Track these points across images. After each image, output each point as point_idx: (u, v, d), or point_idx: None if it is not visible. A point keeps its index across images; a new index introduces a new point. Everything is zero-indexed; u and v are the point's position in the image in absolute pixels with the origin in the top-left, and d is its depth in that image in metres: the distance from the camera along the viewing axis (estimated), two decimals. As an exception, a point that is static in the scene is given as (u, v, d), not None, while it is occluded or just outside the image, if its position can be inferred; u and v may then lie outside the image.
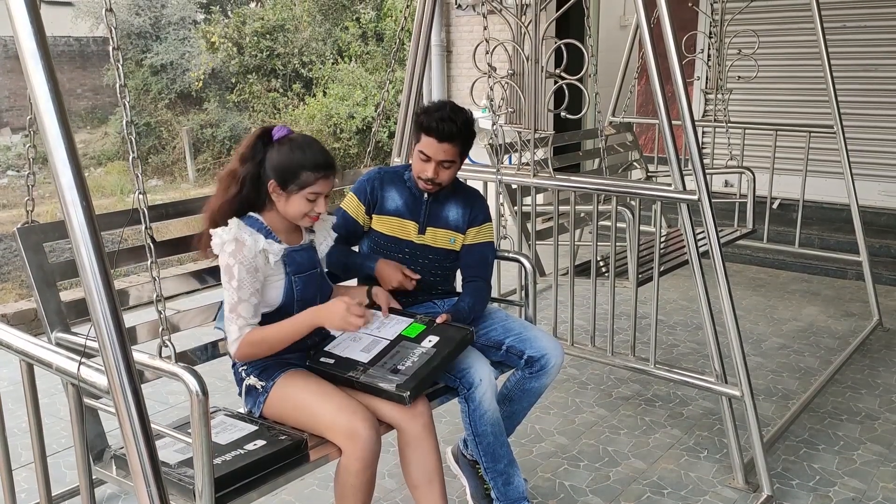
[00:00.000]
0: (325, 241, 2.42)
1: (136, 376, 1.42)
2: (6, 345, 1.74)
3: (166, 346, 1.93)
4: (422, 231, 2.64)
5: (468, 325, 2.48)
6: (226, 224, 2.18)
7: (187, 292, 2.55)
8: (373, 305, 2.46)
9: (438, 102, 2.61)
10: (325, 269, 2.46)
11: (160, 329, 1.92)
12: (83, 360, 1.57)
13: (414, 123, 2.61)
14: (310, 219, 2.23)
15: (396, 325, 2.40)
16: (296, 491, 2.82)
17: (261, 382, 2.21)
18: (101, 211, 1.96)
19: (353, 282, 2.72)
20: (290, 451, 2.06)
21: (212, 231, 2.18)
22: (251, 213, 2.23)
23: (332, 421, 2.10)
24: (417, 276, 2.59)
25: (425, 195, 2.63)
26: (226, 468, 1.92)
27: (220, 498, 1.86)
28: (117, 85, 1.82)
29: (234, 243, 2.12)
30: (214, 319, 2.51)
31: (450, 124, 2.52)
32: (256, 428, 2.15)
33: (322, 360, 2.30)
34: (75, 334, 2.12)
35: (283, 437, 2.10)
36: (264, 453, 2.01)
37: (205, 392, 1.73)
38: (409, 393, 2.15)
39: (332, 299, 2.24)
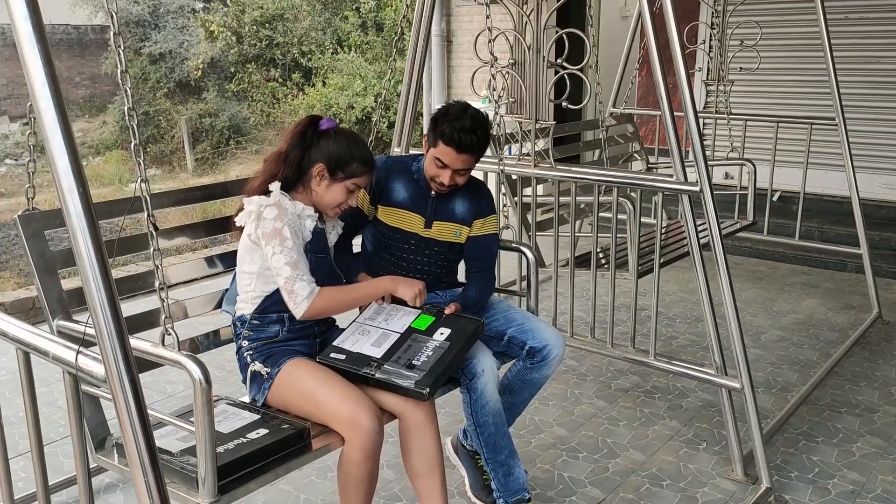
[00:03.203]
0: (334, 229, 2.43)
1: (133, 365, 1.41)
2: (2, 333, 1.72)
3: (169, 335, 1.92)
4: (428, 225, 2.61)
5: (476, 314, 2.47)
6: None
7: (186, 281, 2.54)
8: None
9: (458, 108, 2.51)
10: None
11: (163, 317, 1.91)
12: (81, 348, 1.56)
13: (432, 127, 2.52)
14: (338, 209, 2.31)
15: (405, 317, 2.38)
16: (294, 481, 2.82)
17: (266, 369, 2.21)
18: (99, 200, 1.95)
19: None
20: (292, 440, 2.06)
21: (246, 200, 2.23)
22: (283, 192, 2.27)
23: (334, 410, 2.10)
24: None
25: (433, 191, 2.61)
26: (228, 456, 1.92)
27: (222, 486, 1.86)
28: (118, 71, 1.79)
29: (276, 208, 2.17)
30: (219, 306, 2.49)
31: (470, 136, 2.45)
32: (259, 416, 2.14)
33: (333, 355, 2.27)
34: (77, 322, 2.11)
35: (285, 426, 2.09)
36: (267, 442, 2.01)
37: (208, 380, 1.73)
38: (428, 390, 2.14)
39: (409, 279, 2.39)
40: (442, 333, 2.31)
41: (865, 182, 5.20)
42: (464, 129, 2.44)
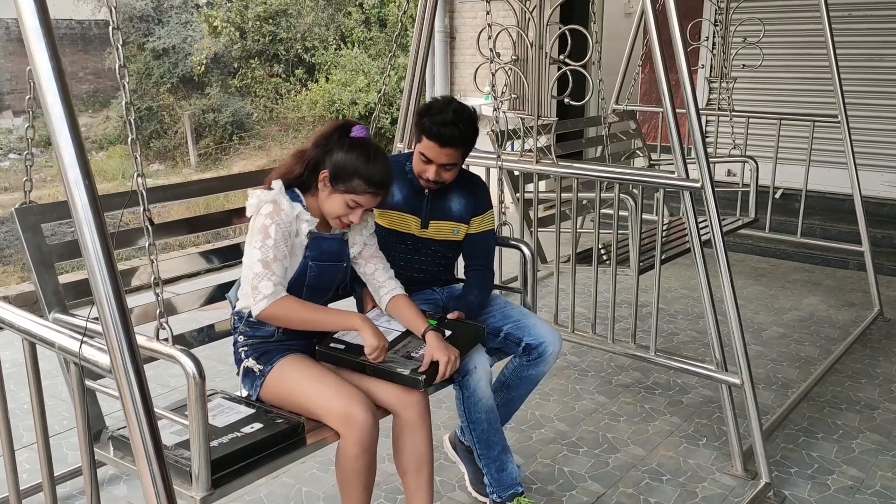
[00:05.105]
0: (359, 239, 2.36)
1: (138, 356, 1.43)
2: (8, 323, 1.73)
3: (163, 329, 1.92)
4: (424, 226, 2.59)
5: (478, 318, 2.48)
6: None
7: (189, 275, 2.55)
8: None
9: (441, 101, 2.50)
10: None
11: (157, 311, 1.91)
12: (85, 339, 1.57)
13: (415, 123, 2.51)
14: (338, 221, 2.25)
15: None
16: (296, 474, 2.84)
17: (259, 366, 2.21)
18: (102, 194, 1.95)
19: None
20: (286, 435, 2.06)
21: (250, 191, 2.21)
22: (295, 189, 2.25)
23: (328, 406, 2.10)
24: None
25: (426, 189, 2.60)
26: (222, 451, 1.92)
27: (216, 480, 1.86)
28: (116, 66, 1.80)
29: (272, 205, 2.15)
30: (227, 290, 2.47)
31: (452, 129, 2.42)
32: (254, 411, 2.14)
33: (332, 345, 2.29)
34: (73, 315, 2.12)
35: (280, 421, 2.09)
36: (261, 436, 2.01)
37: (202, 375, 1.72)
38: (424, 377, 2.16)
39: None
40: (443, 334, 2.33)
41: (868, 179, 5.20)
42: (445, 122, 2.42)
